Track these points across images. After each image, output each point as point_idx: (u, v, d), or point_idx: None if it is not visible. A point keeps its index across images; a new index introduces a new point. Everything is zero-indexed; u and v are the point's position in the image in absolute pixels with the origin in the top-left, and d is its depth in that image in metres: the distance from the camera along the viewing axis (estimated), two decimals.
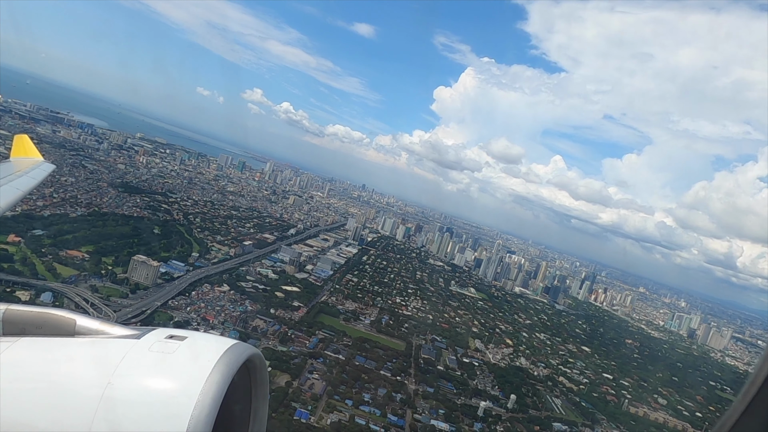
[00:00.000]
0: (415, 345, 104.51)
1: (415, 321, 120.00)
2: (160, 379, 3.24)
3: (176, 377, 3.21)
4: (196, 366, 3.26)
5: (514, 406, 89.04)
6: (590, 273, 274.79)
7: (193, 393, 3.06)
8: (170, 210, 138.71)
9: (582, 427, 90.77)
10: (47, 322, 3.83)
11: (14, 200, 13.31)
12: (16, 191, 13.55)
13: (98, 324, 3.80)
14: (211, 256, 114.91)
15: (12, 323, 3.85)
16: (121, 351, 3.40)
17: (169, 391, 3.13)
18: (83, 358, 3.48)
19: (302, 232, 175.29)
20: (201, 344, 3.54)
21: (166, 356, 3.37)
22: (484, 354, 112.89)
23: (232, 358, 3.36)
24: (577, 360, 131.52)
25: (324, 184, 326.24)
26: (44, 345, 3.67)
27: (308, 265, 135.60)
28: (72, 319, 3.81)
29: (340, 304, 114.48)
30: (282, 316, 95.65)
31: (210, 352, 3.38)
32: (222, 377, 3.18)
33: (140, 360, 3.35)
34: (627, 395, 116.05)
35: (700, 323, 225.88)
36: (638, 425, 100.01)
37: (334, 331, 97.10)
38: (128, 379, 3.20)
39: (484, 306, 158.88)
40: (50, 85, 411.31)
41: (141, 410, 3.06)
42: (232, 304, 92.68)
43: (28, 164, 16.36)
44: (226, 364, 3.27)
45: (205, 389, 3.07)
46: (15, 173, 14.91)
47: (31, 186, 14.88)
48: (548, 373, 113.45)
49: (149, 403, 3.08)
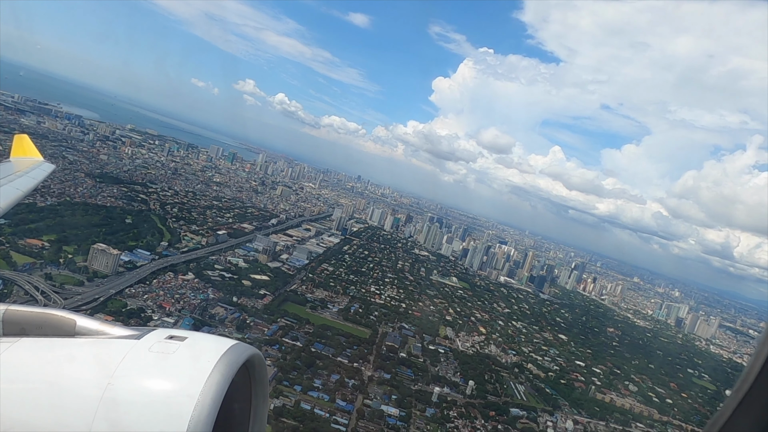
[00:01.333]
0: (381, 333, 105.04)
1: (386, 309, 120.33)
2: (161, 379, 3.27)
3: (176, 377, 3.25)
4: (196, 366, 3.29)
5: (473, 392, 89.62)
6: (580, 263, 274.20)
7: (193, 393, 3.09)
8: (147, 200, 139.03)
9: (541, 412, 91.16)
10: (47, 323, 3.85)
11: (14, 200, 13.33)
12: (17, 191, 13.66)
13: (98, 324, 3.84)
14: (181, 246, 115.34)
15: (12, 323, 3.86)
16: (122, 351, 3.44)
17: (169, 392, 3.16)
18: (83, 358, 3.51)
19: (284, 222, 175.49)
20: (201, 344, 3.58)
21: (166, 356, 3.40)
22: (453, 342, 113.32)
23: (232, 358, 3.40)
24: (552, 348, 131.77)
25: (317, 175, 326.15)
26: (44, 345, 3.69)
27: (284, 254, 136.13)
28: (72, 320, 3.84)
29: (309, 292, 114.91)
30: (245, 304, 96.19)
31: (210, 352, 3.41)
32: (222, 377, 3.22)
33: (140, 360, 3.38)
34: (597, 382, 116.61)
35: (688, 312, 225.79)
36: (601, 411, 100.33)
37: (297, 318, 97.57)
38: (128, 379, 3.24)
39: (463, 295, 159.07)
40: (46, 77, 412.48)
41: (141, 410, 3.08)
42: (194, 292, 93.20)
43: (28, 164, 16.52)
44: (226, 365, 3.31)
45: (206, 389, 3.11)
46: (15, 173, 15.03)
47: (32, 186, 14.99)
48: (517, 361, 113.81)
49: (149, 404, 3.11)
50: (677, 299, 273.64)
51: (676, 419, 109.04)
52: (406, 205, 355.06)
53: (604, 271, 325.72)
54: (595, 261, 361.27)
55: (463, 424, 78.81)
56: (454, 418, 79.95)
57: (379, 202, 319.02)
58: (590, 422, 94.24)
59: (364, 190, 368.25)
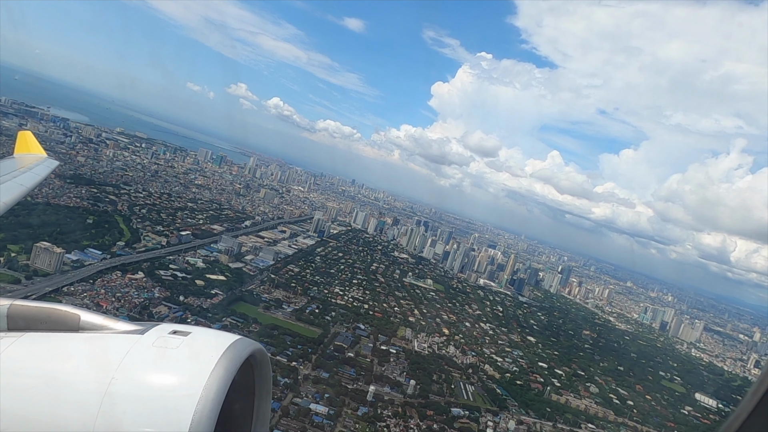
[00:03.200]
0: (333, 333, 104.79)
1: (345, 310, 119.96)
2: (163, 374, 3.29)
3: (179, 373, 3.28)
4: (199, 361, 3.31)
5: (414, 392, 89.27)
6: (566, 266, 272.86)
7: (196, 388, 3.11)
8: (116, 201, 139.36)
9: (485, 413, 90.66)
10: (51, 318, 3.91)
11: (18, 196, 13.39)
12: (20, 187, 13.74)
13: (102, 319, 3.89)
14: (140, 246, 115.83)
15: (16, 318, 3.92)
16: (125, 346, 3.47)
17: (172, 387, 3.19)
18: (87, 353, 3.56)
19: (260, 224, 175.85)
20: (204, 340, 3.59)
21: (169, 352, 3.43)
22: (410, 342, 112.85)
23: (235, 353, 3.42)
24: (516, 350, 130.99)
25: (309, 179, 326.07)
26: (48, 340, 3.73)
27: (249, 255, 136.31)
28: (76, 315, 3.90)
29: (266, 293, 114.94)
30: (191, 303, 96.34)
31: (213, 347, 3.43)
32: (225, 373, 3.24)
33: (143, 355, 3.41)
34: (556, 383, 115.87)
35: (674, 316, 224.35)
36: (552, 411, 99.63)
37: (245, 318, 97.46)
38: (131, 374, 3.27)
39: (434, 297, 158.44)
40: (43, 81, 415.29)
41: (144, 405, 3.11)
42: (138, 291, 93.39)
43: (31, 160, 16.64)
44: (229, 360, 3.34)
45: (208, 385, 3.13)
46: (18, 169, 15.12)
47: (35, 182, 15.10)
48: (474, 362, 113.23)
49: (152, 399, 3.13)
50: (670, 303, 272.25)
51: (633, 420, 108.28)
52: (399, 209, 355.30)
53: (597, 276, 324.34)
54: (590, 265, 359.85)
55: (395, 423, 78.33)
56: (388, 417, 79.40)
57: (370, 205, 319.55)
58: (537, 423, 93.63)
59: (357, 193, 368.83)
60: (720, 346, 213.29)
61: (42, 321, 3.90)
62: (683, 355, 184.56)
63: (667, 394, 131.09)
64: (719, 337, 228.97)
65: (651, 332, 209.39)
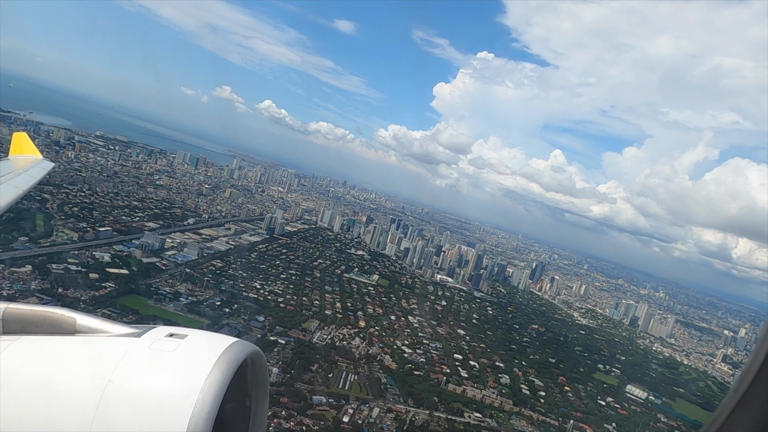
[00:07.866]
0: (222, 324, 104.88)
1: (252, 303, 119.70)
2: (160, 377, 3.32)
3: (176, 375, 3.30)
4: (195, 364, 3.35)
5: (280, 380, 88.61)
6: (539, 263, 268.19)
7: (193, 391, 3.14)
8: (48, 200, 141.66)
9: (354, 401, 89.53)
10: (47, 321, 3.93)
11: (14, 199, 13.72)
12: (16, 189, 14.13)
13: (98, 322, 3.94)
14: (45, 241, 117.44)
15: (12, 322, 3.92)
16: (121, 349, 3.50)
17: (169, 390, 3.21)
18: (83, 356, 3.56)
19: (205, 221, 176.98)
20: (201, 342, 3.65)
21: (166, 354, 3.47)
22: (309, 334, 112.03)
23: (232, 356, 3.48)
24: (436, 342, 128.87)
25: (293, 180, 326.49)
26: (44, 343, 3.74)
27: (171, 251, 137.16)
28: (72, 318, 3.94)
29: (168, 286, 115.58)
30: (70, 295, 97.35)
31: (210, 350, 3.49)
32: (222, 375, 3.29)
33: (140, 358, 3.44)
34: (463, 375, 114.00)
35: (646, 311, 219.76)
36: (439, 401, 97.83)
37: (125, 308, 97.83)
38: (128, 377, 3.29)
39: (371, 291, 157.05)
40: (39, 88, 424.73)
41: (141, 408, 3.12)
42: (12, 283, 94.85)
43: (26, 162, 16.92)
44: (226, 362, 3.38)
45: (206, 387, 3.16)
46: (14, 171, 15.48)
47: (31, 184, 15.49)
48: (374, 353, 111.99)
49: (149, 402, 3.15)
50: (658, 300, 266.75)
51: (536, 410, 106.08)
52: (388, 209, 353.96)
53: (588, 273, 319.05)
54: (582, 263, 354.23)
55: None
56: None
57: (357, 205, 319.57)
58: (410, 410, 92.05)
59: (346, 194, 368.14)
60: (693, 342, 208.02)
61: (37, 324, 3.89)
62: (641, 349, 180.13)
63: (593, 386, 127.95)
64: (698, 333, 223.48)
65: (618, 327, 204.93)
